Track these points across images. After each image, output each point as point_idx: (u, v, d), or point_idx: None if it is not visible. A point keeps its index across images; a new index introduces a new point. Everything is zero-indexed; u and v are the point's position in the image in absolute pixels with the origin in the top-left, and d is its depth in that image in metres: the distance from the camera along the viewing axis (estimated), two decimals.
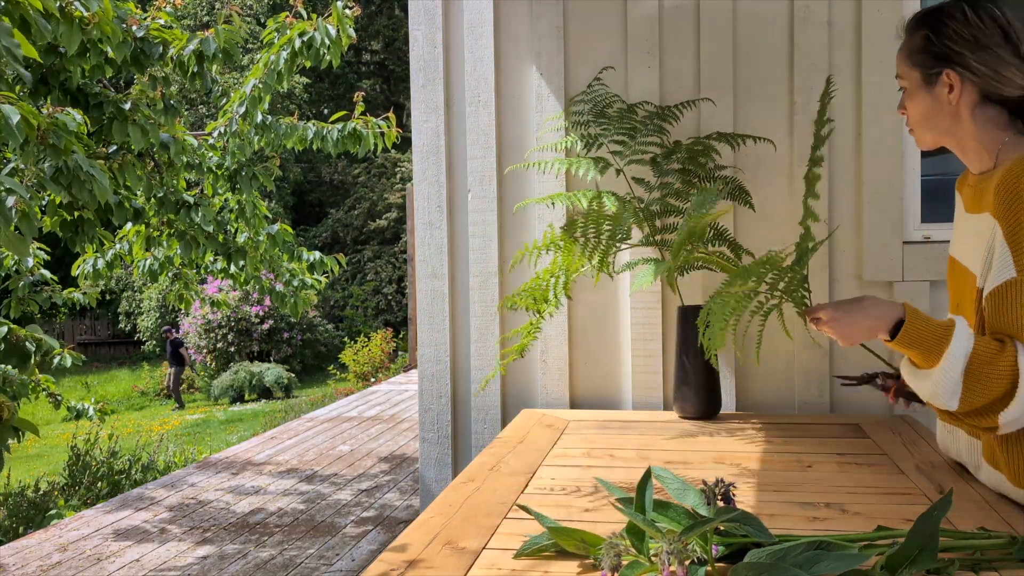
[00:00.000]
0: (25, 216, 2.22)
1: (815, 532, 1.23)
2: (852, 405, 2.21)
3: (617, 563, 1.02)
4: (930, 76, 1.37)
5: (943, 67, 1.34)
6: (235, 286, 4.37)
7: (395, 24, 20.12)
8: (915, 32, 1.39)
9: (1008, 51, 1.30)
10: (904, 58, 1.41)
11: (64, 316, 16.93)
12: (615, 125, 2.13)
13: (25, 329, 2.68)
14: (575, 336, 2.35)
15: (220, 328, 12.39)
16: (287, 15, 3.61)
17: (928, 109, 1.38)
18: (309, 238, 17.47)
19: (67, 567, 3.86)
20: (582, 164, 2.02)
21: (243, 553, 3.96)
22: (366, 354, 11.91)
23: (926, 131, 1.41)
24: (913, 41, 1.39)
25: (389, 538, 4.10)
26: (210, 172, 3.89)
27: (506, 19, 2.38)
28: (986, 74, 1.31)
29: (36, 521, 4.80)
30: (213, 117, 15.96)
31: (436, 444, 2.43)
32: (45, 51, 2.75)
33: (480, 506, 1.40)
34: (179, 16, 15.92)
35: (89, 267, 3.97)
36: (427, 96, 2.42)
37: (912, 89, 1.41)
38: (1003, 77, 1.31)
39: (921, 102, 1.39)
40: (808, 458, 1.66)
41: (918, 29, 1.38)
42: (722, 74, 2.23)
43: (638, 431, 1.95)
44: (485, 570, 1.12)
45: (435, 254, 2.43)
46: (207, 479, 5.49)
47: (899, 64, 1.43)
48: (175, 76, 3.64)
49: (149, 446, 7.06)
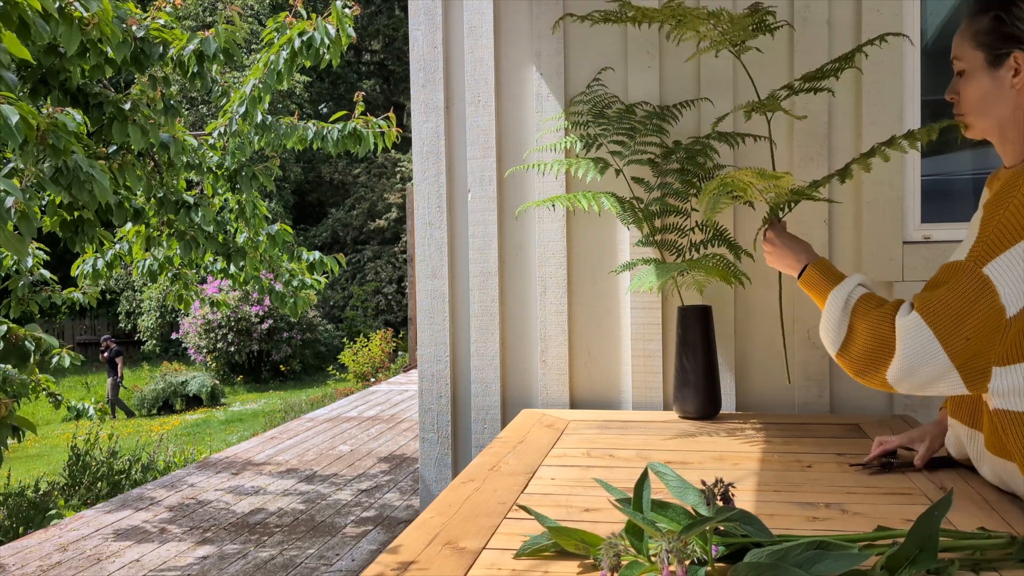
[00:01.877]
0: (24, 216, 2.22)
1: (815, 532, 1.23)
2: (852, 405, 2.21)
3: (617, 563, 1.02)
4: (997, 58, 1.33)
5: (1012, 48, 1.31)
6: (235, 286, 4.37)
7: (395, 24, 20.12)
8: (982, 13, 1.35)
9: None
10: (967, 39, 1.37)
11: (64, 316, 16.93)
12: (614, 125, 2.13)
13: (24, 328, 2.67)
14: (575, 336, 2.35)
15: (220, 328, 12.38)
16: (287, 15, 3.61)
17: (987, 92, 1.36)
18: (309, 238, 17.47)
19: (67, 567, 3.86)
20: (581, 165, 2.02)
21: (243, 553, 3.96)
22: (366, 354, 11.91)
23: (979, 116, 1.38)
24: (980, 22, 1.35)
25: (389, 538, 4.10)
26: (210, 172, 3.89)
27: (506, 19, 2.38)
28: None
29: (36, 521, 4.80)
30: (213, 117, 15.97)
31: (436, 444, 2.43)
32: (45, 51, 2.75)
33: (480, 506, 1.40)
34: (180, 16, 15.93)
35: (89, 267, 3.97)
36: (427, 96, 2.42)
37: (972, 71, 1.37)
38: None
39: (980, 85, 1.36)
40: (808, 458, 1.66)
41: (987, 10, 1.34)
42: (722, 74, 2.23)
43: (638, 431, 1.95)
44: (485, 570, 1.12)
45: (435, 254, 2.43)
46: (207, 479, 5.48)
47: (959, 46, 1.39)
48: (175, 76, 3.64)
49: (149, 446, 7.06)
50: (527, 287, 2.38)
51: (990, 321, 1.23)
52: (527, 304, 2.38)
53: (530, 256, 2.38)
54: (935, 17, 2.39)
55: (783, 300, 2.22)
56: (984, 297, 1.23)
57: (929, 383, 1.29)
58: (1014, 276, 1.22)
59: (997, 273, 1.23)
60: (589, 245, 2.34)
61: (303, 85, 17.61)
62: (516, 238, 2.39)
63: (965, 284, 1.25)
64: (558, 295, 2.34)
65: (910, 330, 1.28)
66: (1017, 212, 1.23)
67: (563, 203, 1.98)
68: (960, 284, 1.25)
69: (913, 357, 1.28)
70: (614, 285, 2.32)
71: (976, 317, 1.24)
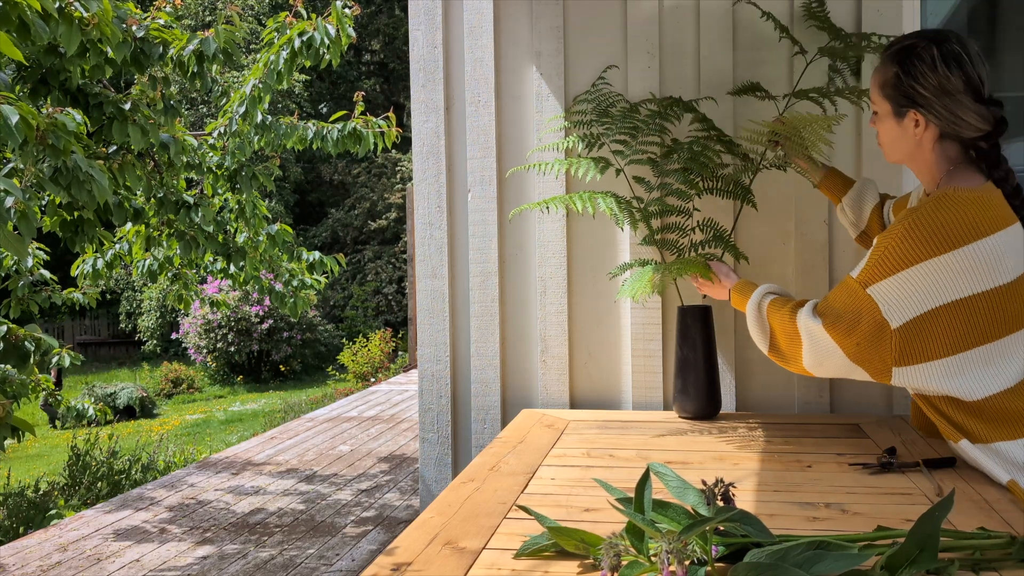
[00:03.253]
0: (24, 216, 2.22)
1: (815, 532, 1.23)
2: (852, 405, 2.21)
3: (617, 563, 1.02)
4: (899, 110, 1.51)
5: (910, 107, 1.49)
6: (235, 286, 4.37)
7: (395, 23, 20.11)
8: (888, 66, 1.52)
9: (969, 97, 1.44)
10: (877, 88, 1.55)
11: (64, 316, 16.93)
12: (617, 124, 2.13)
13: (24, 328, 2.67)
14: (575, 336, 2.35)
15: (220, 328, 12.38)
16: (287, 15, 3.61)
17: (896, 137, 1.54)
18: (309, 238, 17.47)
19: (67, 567, 3.86)
20: (582, 164, 2.02)
21: (243, 553, 3.96)
22: (365, 354, 11.90)
23: (891, 152, 1.58)
24: (886, 74, 1.52)
25: (389, 538, 4.10)
26: (210, 172, 3.89)
27: (506, 19, 2.38)
28: (948, 119, 1.46)
29: (36, 521, 4.79)
30: (213, 117, 15.96)
31: (436, 444, 2.43)
32: (45, 51, 2.75)
33: (480, 506, 1.40)
34: (179, 16, 15.93)
35: (89, 267, 3.97)
36: (427, 96, 2.42)
37: (882, 116, 1.56)
38: (963, 121, 1.45)
39: (889, 130, 1.55)
40: (808, 458, 1.66)
41: (890, 65, 1.51)
42: (722, 74, 2.23)
43: (638, 431, 1.95)
44: (485, 570, 1.12)
45: (435, 254, 2.43)
46: (207, 479, 5.48)
47: (872, 89, 1.57)
48: (175, 76, 3.64)
49: (149, 446, 7.05)
50: (527, 287, 2.38)
51: (874, 332, 1.42)
52: (527, 304, 2.38)
53: (530, 256, 2.38)
54: (935, 17, 2.40)
55: None
56: (868, 312, 1.43)
57: (840, 373, 1.51)
58: (894, 298, 1.40)
59: (879, 294, 1.41)
60: (589, 245, 2.34)
61: (303, 85, 17.61)
62: (516, 238, 2.39)
63: (853, 300, 1.44)
64: (558, 295, 2.34)
65: (814, 329, 1.49)
66: (899, 243, 1.40)
67: (557, 205, 1.98)
68: (850, 299, 1.45)
69: (819, 352, 1.50)
70: (614, 285, 2.32)
71: (862, 328, 1.43)
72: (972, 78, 1.44)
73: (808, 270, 2.21)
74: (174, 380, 12.32)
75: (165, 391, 12.35)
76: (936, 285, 1.39)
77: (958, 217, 1.39)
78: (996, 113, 1.46)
